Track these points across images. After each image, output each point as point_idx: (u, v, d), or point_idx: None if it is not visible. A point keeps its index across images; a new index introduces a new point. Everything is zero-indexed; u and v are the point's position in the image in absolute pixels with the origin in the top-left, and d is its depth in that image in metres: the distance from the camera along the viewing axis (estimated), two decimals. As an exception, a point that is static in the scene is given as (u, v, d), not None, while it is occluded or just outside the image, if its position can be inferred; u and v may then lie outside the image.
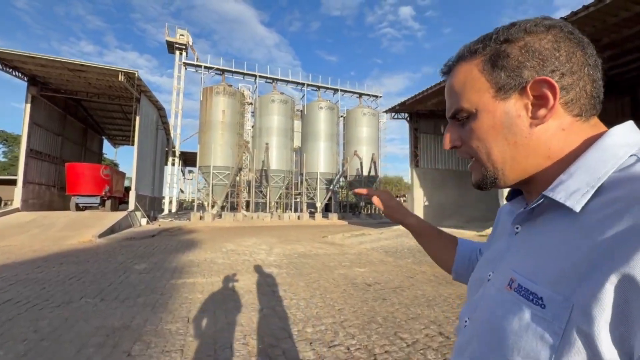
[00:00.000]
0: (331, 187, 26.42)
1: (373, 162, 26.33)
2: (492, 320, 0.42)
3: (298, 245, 10.08)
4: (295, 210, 26.70)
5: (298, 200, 27.25)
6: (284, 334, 3.24)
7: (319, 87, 29.50)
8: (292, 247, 9.62)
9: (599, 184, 0.38)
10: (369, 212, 29.38)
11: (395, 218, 0.85)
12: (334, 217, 25.26)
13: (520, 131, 0.44)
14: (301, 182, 26.90)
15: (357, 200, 28.80)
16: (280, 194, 25.61)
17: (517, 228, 0.48)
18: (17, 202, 15.74)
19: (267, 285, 5.21)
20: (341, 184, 29.99)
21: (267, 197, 23.88)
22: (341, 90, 30.34)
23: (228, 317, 3.71)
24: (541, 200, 0.42)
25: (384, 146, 32.06)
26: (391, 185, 55.67)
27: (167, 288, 4.95)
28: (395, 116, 17.16)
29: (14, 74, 15.51)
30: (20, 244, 9.82)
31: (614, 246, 0.32)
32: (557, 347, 0.34)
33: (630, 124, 0.43)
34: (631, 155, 0.38)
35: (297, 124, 28.28)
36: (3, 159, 60.25)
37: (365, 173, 26.28)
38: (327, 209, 28.23)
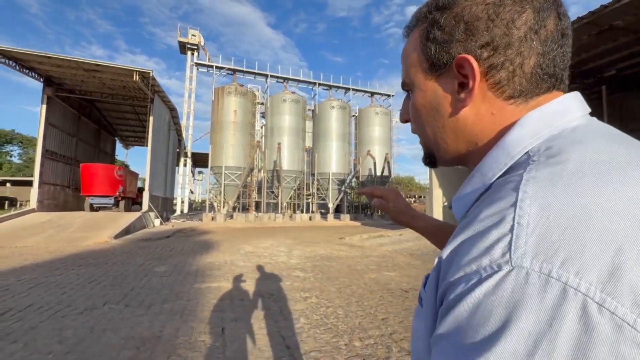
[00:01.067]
0: (343, 188, 26.04)
1: (387, 162, 25.86)
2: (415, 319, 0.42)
3: (317, 247, 9.76)
4: (306, 211, 26.40)
5: (310, 200, 26.94)
6: (330, 349, 2.91)
7: (330, 87, 29.18)
8: (311, 250, 9.30)
9: (480, 192, 0.36)
10: (382, 213, 28.89)
11: (402, 220, 0.75)
12: (346, 217, 24.87)
13: (445, 113, 0.40)
14: (312, 183, 26.61)
15: (369, 200, 28.34)
16: (292, 194, 25.33)
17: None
18: (33, 203, 15.79)
19: (296, 290, 4.89)
20: (353, 184, 29.59)
21: (279, 197, 23.62)
22: (353, 89, 29.95)
23: (265, 328, 3.40)
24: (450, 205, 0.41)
25: (396, 146, 31.55)
26: (402, 186, 54.98)
27: (193, 293, 4.67)
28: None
29: (30, 74, 15.57)
30: (36, 245, 9.72)
31: (450, 260, 0.31)
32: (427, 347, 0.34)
33: (566, 97, 0.37)
34: (526, 152, 0.34)
35: (308, 124, 27.99)
36: (18, 161, 61.57)
37: (378, 173, 25.83)
38: (337, 210, 27.87)
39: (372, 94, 30.55)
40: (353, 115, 29.40)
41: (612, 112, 13.11)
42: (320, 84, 28.96)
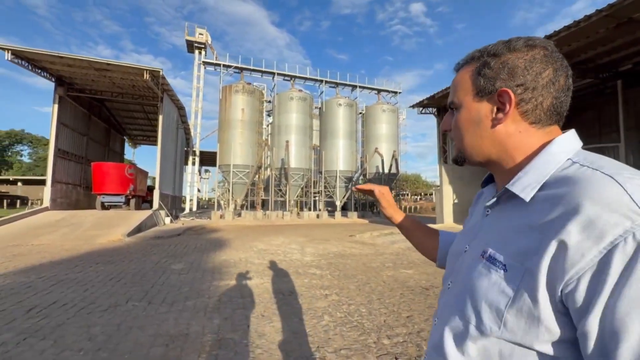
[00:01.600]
0: (350, 185, 25.95)
1: (395, 159, 25.71)
2: (469, 280, 0.55)
3: (329, 245, 9.73)
4: (313, 209, 26.40)
5: (317, 198, 26.92)
6: (359, 347, 2.88)
7: (337, 84, 29.02)
8: (323, 247, 9.28)
9: (543, 181, 0.50)
10: (389, 210, 28.71)
11: (389, 213, 1.00)
12: (353, 215, 24.82)
13: (485, 127, 0.58)
14: (320, 180, 26.57)
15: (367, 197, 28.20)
16: (299, 192, 25.32)
17: (487, 211, 0.61)
18: (46, 201, 16.00)
19: (315, 288, 4.87)
20: (360, 181, 29.48)
21: (287, 195, 23.64)
22: (359, 87, 29.74)
23: (290, 325, 3.38)
24: (503, 191, 0.55)
25: (402, 143, 31.30)
26: (409, 183, 54.65)
27: (213, 290, 4.67)
28: (423, 111, 16.55)
29: (42, 74, 15.73)
30: (52, 242, 9.84)
31: (551, 224, 0.45)
32: (512, 297, 0.47)
33: (571, 132, 0.55)
34: (568, 160, 0.51)
35: (315, 122, 27.89)
36: (28, 160, 62.56)
37: (386, 170, 25.70)
38: (344, 208, 27.81)
39: (379, 91, 30.32)
40: (360, 113, 29.22)
41: (627, 106, 12.83)
42: (326, 82, 28.82)
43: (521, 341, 0.47)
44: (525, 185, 0.51)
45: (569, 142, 0.53)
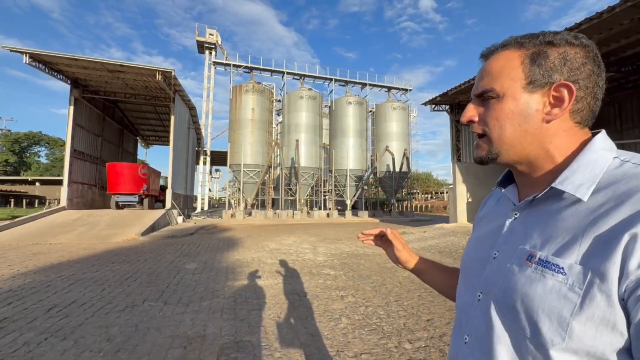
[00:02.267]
0: (361, 184, 25.78)
1: (406, 157, 25.40)
2: (514, 288, 0.49)
3: (341, 245, 9.65)
4: (323, 208, 26.32)
5: (327, 197, 26.84)
6: (380, 351, 2.80)
7: (346, 82, 28.83)
8: (336, 247, 9.21)
9: (598, 179, 0.47)
10: (401, 209, 28.47)
11: (405, 257, 0.87)
12: (364, 214, 24.66)
13: (534, 122, 0.52)
14: (330, 179, 26.48)
15: (387, 197, 27.99)
16: (309, 191, 25.29)
17: (515, 214, 0.56)
18: (63, 201, 16.37)
19: (330, 289, 4.80)
20: (371, 180, 29.27)
21: (297, 194, 23.64)
22: (369, 85, 29.45)
23: (307, 328, 3.32)
24: (546, 191, 0.51)
25: (413, 141, 30.88)
26: (420, 182, 54.00)
27: (228, 291, 4.65)
28: (435, 108, 16.26)
29: (58, 77, 16.08)
30: (69, 241, 10.05)
31: (621, 221, 0.42)
32: (578, 303, 0.42)
33: (603, 132, 0.53)
34: (615, 158, 0.49)
35: (325, 121, 27.78)
36: (45, 161, 64.35)
37: (396, 169, 25.43)
38: (354, 207, 27.64)
39: (389, 88, 29.97)
40: (370, 111, 28.97)
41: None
42: (336, 80, 28.65)
43: (590, 351, 0.42)
44: (578, 184, 0.48)
45: (607, 140, 0.52)
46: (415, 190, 48.24)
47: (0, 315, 3.63)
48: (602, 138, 0.52)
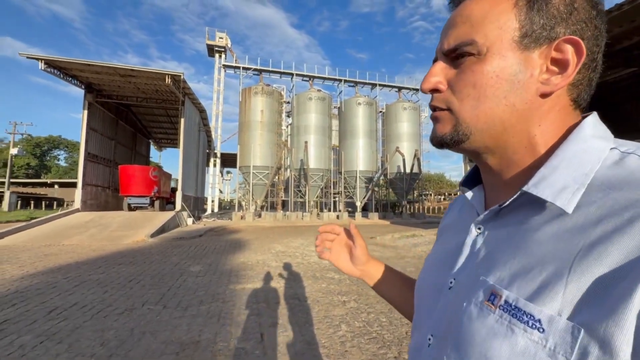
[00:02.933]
0: (371, 186, 25.53)
1: (417, 158, 25.02)
2: (472, 344, 0.34)
3: (348, 247, 9.49)
4: (333, 210, 26.17)
5: (337, 199, 26.69)
6: (379, 362, 2.66)
7: (356, 83, 28.68)
8: (343, 249, 9.05)
9: (588, 181, 0.33)
10: (412, 211, 28.04)
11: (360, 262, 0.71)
12: (374, 216, 24.39)
13: (525, 93, 0.37)
14: (340, 181, 26.32)
15: (398, 199, 27.61)
16: (319, 193, 25.20)
17: (479, 228, 0.42)
18: (77, 203, 16.79)
19: (332, 293, 4.67)
20: (381, 182, 28.95)
21: (306, 196, 23.57)
22: (379, 85, 29.23)
23: (305, 335, 3.20)
24: (516, 197, 0.36)
25: (425, 142, 30.40)
26: (432, 183, 53.17)
27: (228, 295, 4.59)
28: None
29: (72, 82, 16.53)
30: (81, 243, 10.25)
31: (632, 254, 0.27)
32: None
33: (595, 115, 0.39)
34: (612, 149, 0.35)
35: (335, 122, 27.68)
36: (64, 164, 66.49)
37: (407, 170, 25.07)
38: (364, 208, 27.38)
39: (400, 88, 29.65)
40: (380, 111, 28.70)
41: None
42: (345, 81, 28.55)
43: None
44: (559, 187, 0.33)
45: (600, 125, 0.38)
46: (427, 192, 47.51)
47: (2, 317, 3.67)
48: (594, 122, 0.37)
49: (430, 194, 52.42)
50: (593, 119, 0.38)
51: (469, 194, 0.47)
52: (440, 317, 0.42)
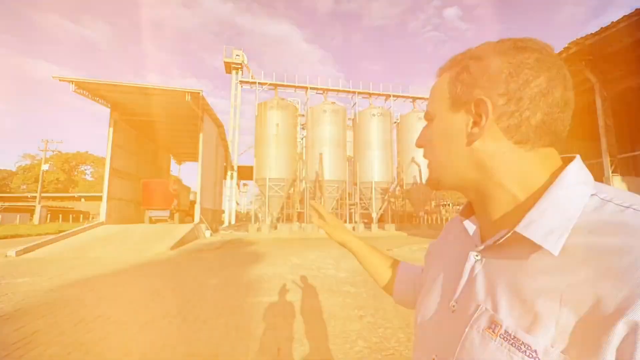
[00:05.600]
0: (387, 197, 25.27)
1: (432, 168, 24.62)
2: None
3: (365, 260, 9.38)
4: (348, 221, 25.99)
5: (352, 210, 26.54)
6: (396, 380, 2.61)
7: (369, 94, 28.85)
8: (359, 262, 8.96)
9: (572, 225, 0.37)
10: (430, 222, 27.46)
11: (337, 236, 0.93)
12: (391, 227, 24.05)
13: (459, 144, 0.47)
14: (355, 192, 26.21)
15: (415, 210, 27.14)
16: (334, 204, 25.15)
17: (477, 256, 0.47)
18: (102, 216, 17.47)
19: (349, 307, 4.64)
20: (397, 192, 28.61)
21: (322, 208, 23.53)
22: (393, 96, 29.30)
23: (321, 350, 3.19)
24: (509, 235, 0.41)
25: (442, 151, 29.91)
26: (451, 193, 51.94)
27: (245, 308, 4.63)
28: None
29: (100, 102, 17.48)
30: (105, 255, 10.62)
31: (610, 295, 0.31)
32: None
33: (578, 159, 0.43)
34: (592, 195, 0.39)
35: (349, 134, 27.80)
36: (90, 179, 69.54)
37: (424, 180, 24.68)
38: (381, 220, 27.03)
39: (414, 99, 29.60)
40: (395, 122, 28.64)
41: None
42: (359, 93, 28.79)
43: None
44: (547, 230, 0.37)
45: (582, 169, 0.42)
46: (445, 202, 46.49)
47: (33, 328, 3.85)
48: (577, 167, 0.42)
49: (449, 204, 51.21)
50: (576, 164, 0.42)
51: (467, 224, 0.53)
52: (444, 339, 0.46)
